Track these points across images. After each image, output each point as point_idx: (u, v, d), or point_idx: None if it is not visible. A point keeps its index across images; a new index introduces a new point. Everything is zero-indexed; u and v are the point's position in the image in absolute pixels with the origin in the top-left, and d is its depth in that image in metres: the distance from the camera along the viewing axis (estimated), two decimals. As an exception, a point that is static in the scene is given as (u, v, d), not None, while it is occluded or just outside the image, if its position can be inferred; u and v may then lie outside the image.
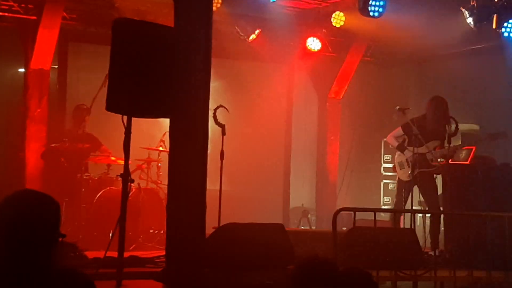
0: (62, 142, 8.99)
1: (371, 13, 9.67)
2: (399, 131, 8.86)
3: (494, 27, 9.71)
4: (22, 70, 10.08)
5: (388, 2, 9.71)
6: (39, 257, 2.65)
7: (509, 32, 9.94)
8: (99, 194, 8.87)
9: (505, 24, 9.89)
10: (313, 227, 11.99)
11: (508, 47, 10.44)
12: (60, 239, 2.73)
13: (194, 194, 5.84)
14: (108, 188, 8.97)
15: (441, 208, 8.66)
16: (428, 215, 9.14)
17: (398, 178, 8.89)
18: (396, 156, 8.94)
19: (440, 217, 8.59)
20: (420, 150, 8.49)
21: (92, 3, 10.05)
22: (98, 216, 8.71)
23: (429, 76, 12.56)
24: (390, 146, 8.92)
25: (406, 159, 8.69)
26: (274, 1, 9.79)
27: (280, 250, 6.72)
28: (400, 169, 8.78)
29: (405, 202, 8.55)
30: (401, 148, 8.77)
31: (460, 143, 10.07)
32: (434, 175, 8.69)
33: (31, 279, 2.61)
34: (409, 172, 8.59)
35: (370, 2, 9.59)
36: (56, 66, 10.56)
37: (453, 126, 8.34)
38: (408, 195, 8.61)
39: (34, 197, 2.73)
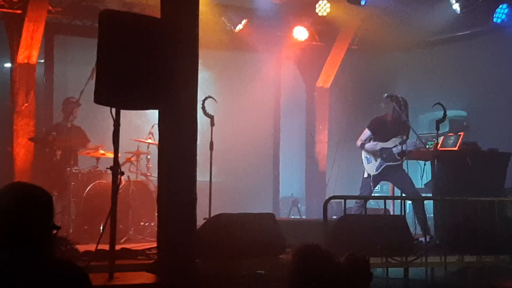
0: (51, 136, 8.95)
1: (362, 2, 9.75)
2: (366, 132, 9.17)
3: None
4: (8, 65, 10.02)
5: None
6: (33, 249, 2.65)
7: (497, 18, 9.97)
8: (89, 188, 8.85)
9: (497, 10, 9.91)
10: (303, 216, 12.02)
11: (497, 32, 10.47)
12: (54, 231, 2.73)
13: (184, 185, 5.85)
14: (98, 181, 8.96)
15: (431, 194, 8.77)
16: (409, 203, 9.28)
17: (367, 173, 9.03)
18: (362, 152, 9.10)
19: (423, 203, 8.68)
20: (386, 144, 8.88)
21: (78, -4, 10.00)
22: (88, 209, 8.70)
23: (416, 63, 12.58)
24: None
25: (369, 152, 8.98)
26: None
27: (271, 239, 6.74)
28: (368, 163, 9.00)
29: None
30: (362, 146, 9.09)
31: (448, 129, 10.13)
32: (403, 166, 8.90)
33: (26, 271, 2.61)
34: (377, 165, 8.90)
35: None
36: (42, 60, 10.50)
37: (441, 113, 8.41)
38: (375, 188, 9.17)
39: (26, 189, 2.73)
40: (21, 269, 2.61)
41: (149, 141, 9.34)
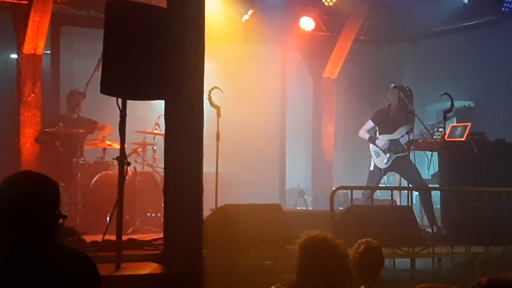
0: (57, 127, 8.95)
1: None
2: (369, 123, 9.21)
3: None
4: (14, 55, 10.02)
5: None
6: (41, 236, 2.66)
7: (506, 7, 9.91)
8: (95, 179, 8.85)
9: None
10: (310, 208, 12.01)
11: (506, 22, 10.41)
12: (61, 220, 2.73)
13: (191, 176, 5.83)
14: (104, 172, 8.95)
15: (438, 185, 8.77)
16: (416, 193, 9.29)
17: (375, 166, 9.04)
18: (370, 145, 9.10)
19: (430, 194, 8.67)
20: (393, 136, 8.92)
21: (83, -14, 9.99)
22: (94, 200, 8.69)
23: (423, 53, 12.53)
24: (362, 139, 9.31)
25: (381, 149, 8.88)
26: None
27: (278, 230, 6.72)
28: (377, 157, 9.00)
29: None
30: (371, 140, 9.09)
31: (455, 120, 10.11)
32: (410, 157, 8.91)
33: (34, 258, 2.62)
34: (386, 158, 8.92)
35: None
36: (48, 51, 10.49)
37: (448, 103, 8.40)
38: (381, 180, 9.28)
39: (33, 177, 2.74)
40: (28, 256, 2.61)
41: (155, 131, 9.33)
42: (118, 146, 5.65)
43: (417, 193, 9.51)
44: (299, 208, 11.95)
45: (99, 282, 2.80)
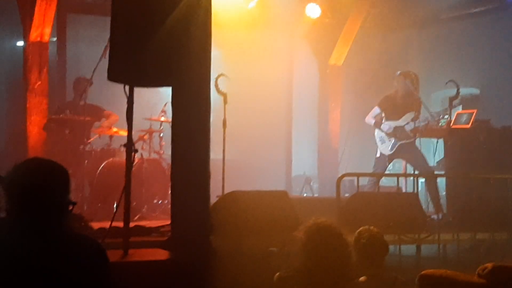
0: (63, 114, 8.99)
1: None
2: (376, 109, 9.22)
3: None
4: (21, 43, 10.04)
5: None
6: (51, 222, 2.69)
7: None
8: (102, 166, 8.87)
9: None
10: (316, 195, 12.03)
11: (510, 9, 10.38)
12: (71, 206, 2.77)
13: (197, 162, 5.85)
14: (111, 159, 8.98)
15: (443, 172, 8.80)
16: (422, 180, 9.31)
17: (380, 153, 9.06)
18: (376, 131, 9.12)
19: (436, 180, 8.69)
20: (398, 123, 8.91)
21: (89, -26, 10.00)
22: (101, 187, 8.72)
23: (429, 41, 12.49)
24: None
25: (386, 133, 8.89)
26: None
27: (285, 216, 6.75)
28: (382, 143, 9.02)
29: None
30: (377, 125, 9.12)
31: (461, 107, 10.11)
32: (416, 143, 8.93)
33: (44, 244, 2.65)
34: (391, 144, 8.93)
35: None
36: (55, 39, 10.51)
37: (454, 90, 8.40)
38: (387, 167, 9.22)
39: (44, 163, 2.77)
40: (40, 241, 2.64)
41: (162, 119, 9.35)
42: (125, 133, 5.67)
43: (422, 179, 9.52)
44: (305, 195, 11.98)
45: (108, 267, 2.83)
